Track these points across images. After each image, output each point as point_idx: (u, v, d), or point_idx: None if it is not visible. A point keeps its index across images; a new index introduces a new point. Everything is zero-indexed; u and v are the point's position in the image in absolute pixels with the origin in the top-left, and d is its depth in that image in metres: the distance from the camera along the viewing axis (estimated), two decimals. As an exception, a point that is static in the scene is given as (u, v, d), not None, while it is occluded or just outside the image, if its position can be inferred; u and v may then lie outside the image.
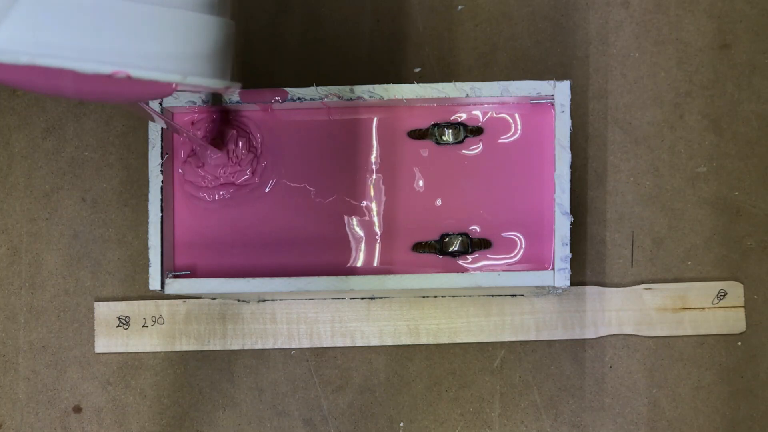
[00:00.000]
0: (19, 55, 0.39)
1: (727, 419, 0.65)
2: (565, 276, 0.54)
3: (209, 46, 0.45)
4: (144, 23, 0.42)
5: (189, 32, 0.44)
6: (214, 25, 0.45)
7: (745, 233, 0.66)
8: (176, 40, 0.43)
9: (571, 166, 0.55)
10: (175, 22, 0.43)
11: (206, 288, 0.55)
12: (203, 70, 0.45)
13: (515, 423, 0.66)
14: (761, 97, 0.67)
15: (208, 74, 0.45)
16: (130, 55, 0.41)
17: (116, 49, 0.41)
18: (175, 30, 0.43)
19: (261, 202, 0.57)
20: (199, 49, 0.44)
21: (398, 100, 0.56)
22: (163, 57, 0.43)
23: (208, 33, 0.45)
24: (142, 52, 0.42)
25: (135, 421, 0.67)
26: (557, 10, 0.68)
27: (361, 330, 0.66)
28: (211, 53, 0.45)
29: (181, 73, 0.43)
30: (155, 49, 0.42)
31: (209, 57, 0.45)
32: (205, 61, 0.45)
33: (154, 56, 0.42)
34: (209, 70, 0.45)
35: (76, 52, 0.40)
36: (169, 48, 0.43)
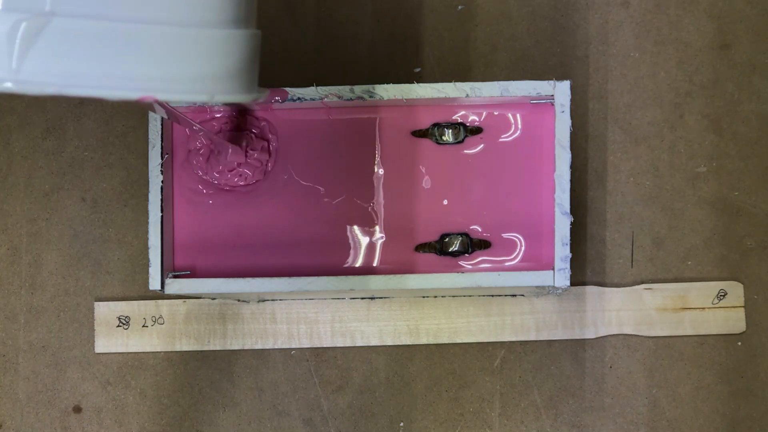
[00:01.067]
0: (45, 86, 0.39)
1: (727, 419, 0.65)
2: (565, 276, 0.54)
3: (236, 62, 0.45)
4: (169, 46, 0.42)
5: (215, 51, 0.44)
6: (240, 39, 0.45)
7: (745, 233, 0.66)
8: (202, 60, 0.43)
9: (571, 166, 0.55)
10: (201, 42, 0.43)
11: (206, 288, 0.55)
12: (231, 88, 0.44)
13: (515, 423, 0.66)
14: (761, 97, 0.67)
15: (236, 91, 0.45)
16: (156, 80, 0.41)
17: (142, 75, 0.41)
18: (201, 50, 0.43)
19: (260, 202, 0.57)
20: (226, 67, 0.44)
21: (398, 100, 0.56)
22: (189, 79, 0.43)
23: (234, 49, 0.44)
24: (169, 75, 0.42)
25: (135, 421, 0.67)
26: (557, 10, 0.68)
27: (361, 330, 0.66)
28: (239, 69, 0.45)
29: (208, 94, 0.43)
30: (181, 72, 0.42)
31: (236, 74, 0.45)
32: (233, 79, 0.45)
33: (181, 79, 0.42)
34: (237, 86, 0.45)
35: (101, 81, 0.40)
36: (196, 69, 0.43)
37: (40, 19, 0.39)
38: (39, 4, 0.39)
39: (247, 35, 0.45)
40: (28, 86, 0.39)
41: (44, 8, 0.39)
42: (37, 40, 0.39)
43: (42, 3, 0.39)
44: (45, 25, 0.39)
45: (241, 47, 0.45)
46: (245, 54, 0.45)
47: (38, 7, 0.39)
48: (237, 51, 0.45)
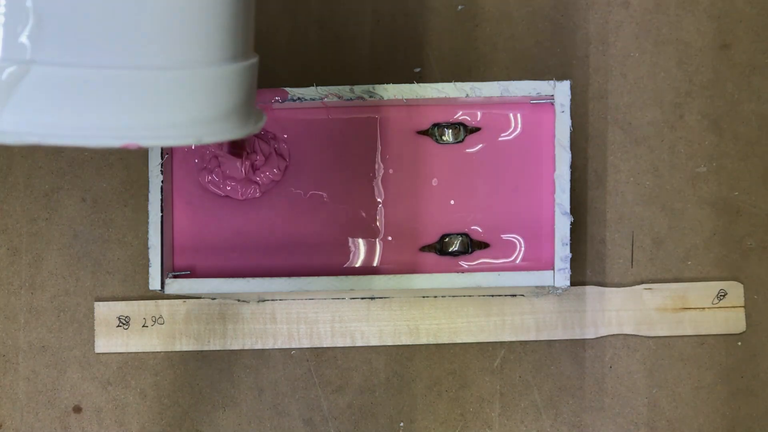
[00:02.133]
0: (24, 136, 0.38)
1: (727, 419, 0.65)
2: (565, 276, 0.54)
3: (229, 101, 0.42)
4: (154, 92, 0.40)
5: (205, 93, 0.41)
6: (235, 75, 0.42)
7: (745, 233, 0.66)
8: (191, 104, 0.41)
9: (571, 166, 0.55)
10: (190, 85, 0.41)
11: (206, 288, 0.55)
12: (223, 129, 0.42)
13: (515, 423, 0.66)
14: (761, 97, 0.67)
15: (226, 132, 0.43)
16: (139, 128, 0.40)
17: (124, 124, 0.39)
18: (188, 94, 0.41)
19: (260, 202, 0.57)
20: (217, 108, 0.42)
21: (398, 100, 0.56)
22: (175, 125, 0.40)
23: (228, 88, 0.42)
24: (153, 122, 0.40)
25: (135, 421, 0.67)
26: (557, 10, 0.68)
27: (361, 330, 0.66)
28: (232, 108, 0.43)
29: (195, 137, 0.41)
30: (167, 119, 0.40)
31: (229, 113, 0.42)
32: (225, 119, 0.42)
33: (165, 126, 0.40)
34: (229, 126, 0.43)
35: (83, 131, 0.39)
36: (182, 115, 0.41)
37: (21, 68, 0.37)
38: (19, 52, 0.37)
39: (241, 69, 0.43)
40: (6, 137, 0.37)
41: (25, 56, 0.37)
42: (17, 90, 0.37)
43: (22, 51, 0.37)
44: (25, 73, 0.37)
45: (235, 84, 0.43)
46: (240, 90, 0.43)
47: (18, 55, 0.37)
48: (231, 89, 0.42)
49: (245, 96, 0.44)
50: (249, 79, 0.44)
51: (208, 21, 0.41)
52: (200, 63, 0.41)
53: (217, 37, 0.42)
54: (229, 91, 0.42)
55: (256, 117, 0.46)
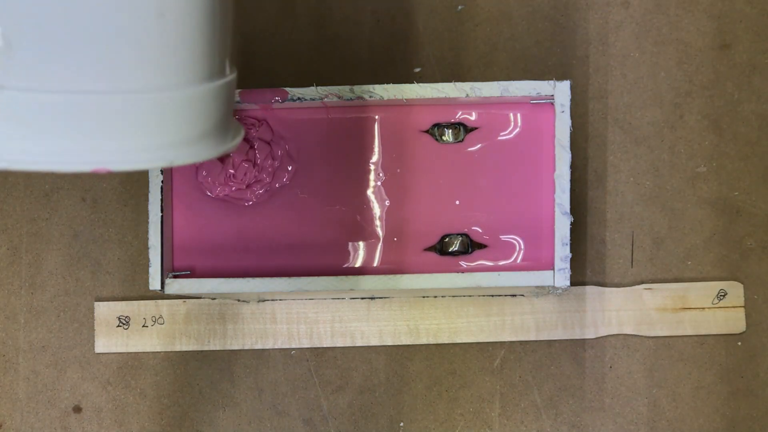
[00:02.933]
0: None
1: (727, 419, 0.65)
2: (565, 276, 0.54)
3: (202, 124, 0.41)
4: (124, 117, 0.39)
5: (178, 117, 0.40)
6: (209, 96, 0.41)
7: (745, 233, 0.66)
8: (161, 128, 0.40)
9: (571, 166, 0.55)
10: (162, 109, 0.39)
11: (206, 288, 0.55)
12: (194, 152, 0.41)
13: (515, 423, 0.66)
14: (761, 97, 0.67)
15: (199, 153, 0.41)
16: (108, 153, 0.39)
17: (93, 149, 0.38)
18: (160, 118, 0.39)
19: (260, 202, 0.57)
20: (189, 132, 0.41)
21: (398, 100, 0.56)
22: (146, 149, 0.39)
23: (201, 110, 0.41)
24: (123, 147, 0.39)
25: (135, 421, 0.67)
26: (557, 10, 0.68)
27: (361, 330, 0.66)
28: (205, 130, 0.41)
29: (167, 161, 0.40)
30: (137, 143, 0.39)
31: (202, 135, 0.41)
32: (197, 142, 0.41)
33: (136, 150, 0.39)
34: (201, 148, 0.42)
35: (51, 157, 0.38)
36: (153, 139, 0.39)
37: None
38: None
39: (216, 88, 0.42)
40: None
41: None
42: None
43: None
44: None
45: (209, 104, 0.41)
46: (215, 110, 0.42)
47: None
48: (204, 110, 0.41)
49: (221, 115, 0.42)
50: (225, 98, 0.43)
51: (180, 43, 0.40)
52: (173, 85, 0.40)
53: (190, 58, 0.40)
54: (203, 112, 0.41)
55: (234, 132, 0.45)
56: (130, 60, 0.38)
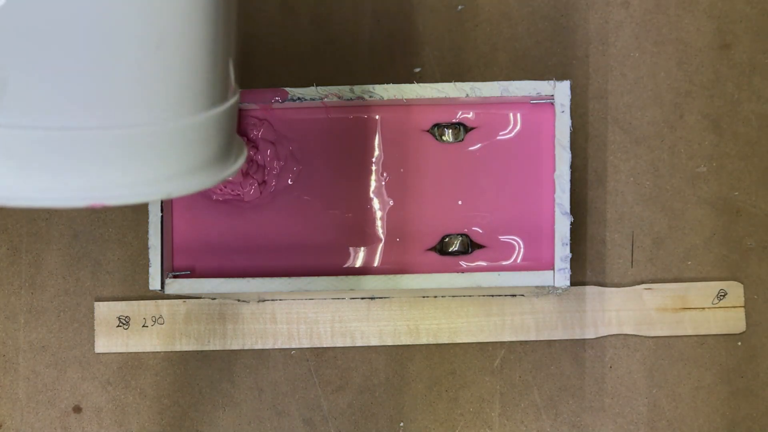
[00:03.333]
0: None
1: (727, 419, 0.65)
2: (565, 276, 0.54)
3: (201, 154, 0.40)
4: (121, 152, 0.37)
5: (175, 149, 0.39)
6: (211, 124, 0.40)
7: (745, 233, 0.66)
8: (158, 162, 0.38)
9: (571, 166, 0.55)
10: (158, 142, 0.38)
11: (206, 288, 0.55)
12: (193, 183, 0.40)
13: (515, 423, 0.66)
14: (761, 97, 0.67)
15: (198, 184, 0.40)
16: (104, 188, 0.37)
17: (89, 185, 0.37)
18: (156, 152, 0.38)
19: (260, 203, 0.57)
20: (187, 163, 0.39)
21: (398, 100, 0.56)
22: (143, 183, 0.38)
23: (201, 140, 0.39)
24: (119, 182, 0.38)
25: (135, 421, 0.67)
26: (557, 10, 0.68)
27: (361, 330, 0.66)
28: (204, 160, 0.40)
29: (165, 194, 0.39)
30: (133, 178, 0.38)
31: (200, 166, 0.40)
32: (195, 172, 0.40)
33: (133, 184, 0.38)
34: (200, 179, 0.40)
35: (45, 193, 0.37)
36: (150, 173, 0.38)
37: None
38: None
39: (217, 115, 0.40)
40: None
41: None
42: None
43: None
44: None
45: (210, 132, 0.40)
46: (216, 137, 0.40)
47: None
48: (204, 139, 0.40)
49: (221, 141, 0.41)
50: (226, 124, 0.41)
51: (179, 74, 0.38)
52: (171, 117, 0.39)
53: (189, 89, 0.39)
54: (202, 142, 0.40)
55: (236, 153, 0.44)
56: (126, 94, 0.37)
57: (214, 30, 0.40)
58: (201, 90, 0.39)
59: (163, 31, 0.37)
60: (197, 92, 0.39)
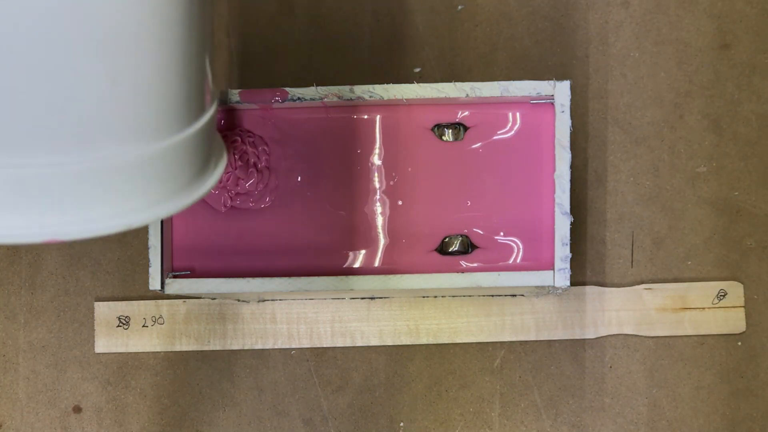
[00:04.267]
0: None
1: (727, 419, 0.65)
2: (565, 276, 0.54)
3: (170, 182, 0.38)
4: (78, 189, 0.35)
5: (140, 181, 0.36)
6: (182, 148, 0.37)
7: (745, 233, 0.66)
8: (118, 197, 0.36)
9: (571, 166, 0.55)
10: (121, 176, 0.36)
11: (206, 288, 0.55)
12: (158, 212, 0.38)
13: (515, 423, 0.66)
14: (761, 97, 0.67)
15: (164, 212, 0.38)
16: (61, 224, 0.36)
17: (45, 222, 0.35)
18: (120, 186, 0.36)
19: (260, 203, 0.57)
20: (153, 195, 0.37)
21: (398, 100, 0.56)
22: (102, 218, 0.36)
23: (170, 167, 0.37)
24: (77, 218, 0.36)
25: (135, 421, 0.67)
26: (557, 10, 0.68)
27: (361, 330, 0.66)
28: (174, 187, 0.38)
29: (125, 226, 0.37)
30: (92, 214, 0.36)
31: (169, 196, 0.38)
32: (162, 202, 0.38)
33: (91, 219, 0.36)
34: (165, 208, 0.38)
35: (1, 230, 0.35)
36: (108, 209, 0.36)
37: None
38: None
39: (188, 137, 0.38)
40: None
41: None
42: None
43: None
44: None
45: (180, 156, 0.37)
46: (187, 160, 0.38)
47: None
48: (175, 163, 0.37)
49: (195, 161, 0.39)
50: (202, 140, 0.39)
51: (141, 106, 0.36)
52: (134, 150, 0.36)
53: (152, 119, 0.37)
54: (172, 168, 0.38)
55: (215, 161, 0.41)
56: (83, 131, 0.35)
57: (180, 50, 0.37)
58: (166, 117, 0.37)
59: (117, 68, 0.35)
60: (162, 120, 0.37)
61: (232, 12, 0.68)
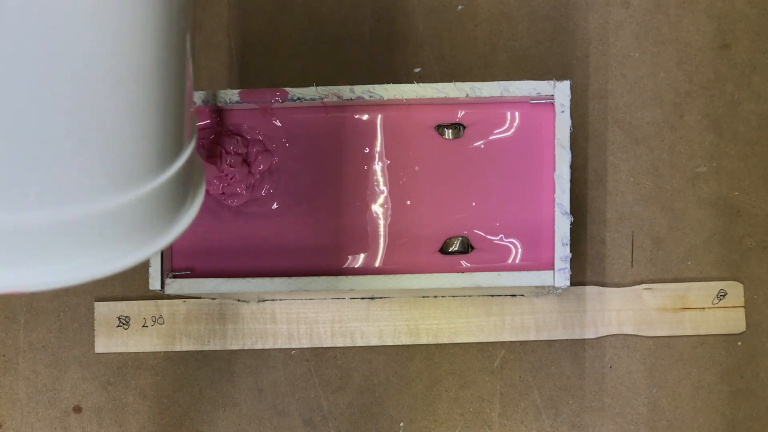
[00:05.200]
0: None
1: (727, 419, 0.65)
2: (565, 276, 0.54)
3: (139, 234, 0.35)
4: (34, 245, 0.33)
5: (109, 234, 0.34)
6: (154, 196, 0.35)
7: (745, 233, 0.66)
8: (86, 249, 0.34)
9: (571, 166, 0.55)
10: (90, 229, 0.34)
11: (206, 288, 0.55)
12: (124, 263, 0.36)
13: (515, 423, 0.66)
14: (761, 97, 0.67)
15: (132, 262, 0.36)
16: (19, 278, 0.34)
17: (4, 275, 0.33)
18: (86, 239, 0.34)
19: (260, 203, 0.57)
20: (124, 245, 0.35)
21: (398, 100, 0.56)
22: (62, 273, 0.34)
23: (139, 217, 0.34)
24: (35, 272, 0.34)
25: (135, 421, 0.67)
26: (557, 10, 0.68)
27: (361, 330, 0.66)
28: (142, 240, 0.36)
29: (89, 277, 0.35)
30: (53, 269, 0.34)
31: (139, 244, 0.36)
32: (130, 252, 0.36)
33: (52, 274, 0.34)
34: (131, 259, 0.36)
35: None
36: (68, 264, 0.34)
37: None
38: None
39: (161, 185, 0.35)
40: None
41: None
42: None
43: None
44: None
45: (152, 206, 0.35)
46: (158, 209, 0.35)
47: None
48: (145, 214, 0.35)
49: (167, 208, 0.36)
50: (177, 185, 0.36)
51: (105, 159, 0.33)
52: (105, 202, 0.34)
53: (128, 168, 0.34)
54: (142, 218, 0.35)
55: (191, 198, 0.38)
56: (49, 189, 0.32)
57: (154, 98, 0.34)
58: (141, 164, 0.34)
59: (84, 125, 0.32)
60: (136, 168, 0.34)
61: (231, 12, 0.69)
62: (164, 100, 0.34)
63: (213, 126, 0.57)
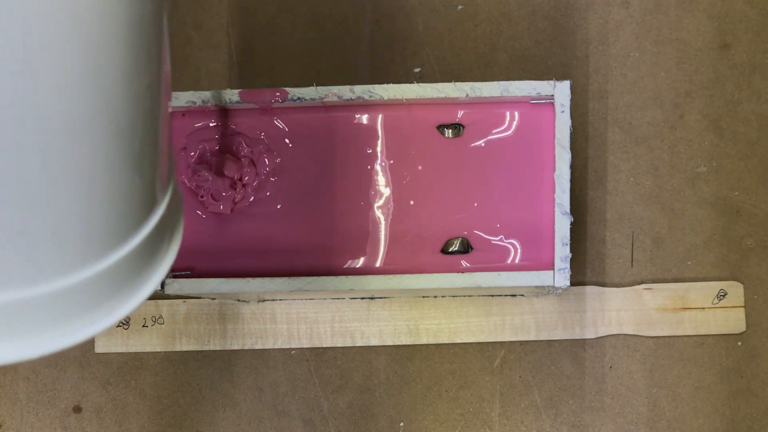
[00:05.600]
0: None
1: (727, 419, 0.65)
2: (565, 276, 0.54)
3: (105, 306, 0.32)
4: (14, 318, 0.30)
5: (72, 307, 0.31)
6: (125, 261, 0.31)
7: (745, 233, 0.66)
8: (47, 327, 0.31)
9: (571, 166, 0.55)
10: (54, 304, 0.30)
11: (206, 288, 0.55)
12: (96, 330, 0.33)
13: (515, 423, 0.66)
14: (761, 97, 0.67)
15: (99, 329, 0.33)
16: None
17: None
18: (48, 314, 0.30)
19: (260, 204, 0.57)
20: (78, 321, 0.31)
21: (398, 100, 0.56)
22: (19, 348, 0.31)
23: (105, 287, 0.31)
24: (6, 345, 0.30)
25: (135, 421, 0.67)
26: (557, 10, 0.68)
27: (361, 330, 0.66)
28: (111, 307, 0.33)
29: (53, 349, 0.32)
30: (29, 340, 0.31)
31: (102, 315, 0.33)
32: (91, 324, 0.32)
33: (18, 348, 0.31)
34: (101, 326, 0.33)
35: None
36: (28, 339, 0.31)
37: None
38: None
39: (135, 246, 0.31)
40: None
41: None
42: None
43: None
44: None
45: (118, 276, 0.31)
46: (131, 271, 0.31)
47: None
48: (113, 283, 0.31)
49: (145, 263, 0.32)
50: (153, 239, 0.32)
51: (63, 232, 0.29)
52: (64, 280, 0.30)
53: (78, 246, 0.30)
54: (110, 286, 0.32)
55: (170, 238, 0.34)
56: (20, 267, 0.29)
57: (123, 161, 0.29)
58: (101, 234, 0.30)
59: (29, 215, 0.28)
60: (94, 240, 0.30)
61: (232, 12, 0.69)
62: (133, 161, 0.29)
63: (214, 127, 0.57)
